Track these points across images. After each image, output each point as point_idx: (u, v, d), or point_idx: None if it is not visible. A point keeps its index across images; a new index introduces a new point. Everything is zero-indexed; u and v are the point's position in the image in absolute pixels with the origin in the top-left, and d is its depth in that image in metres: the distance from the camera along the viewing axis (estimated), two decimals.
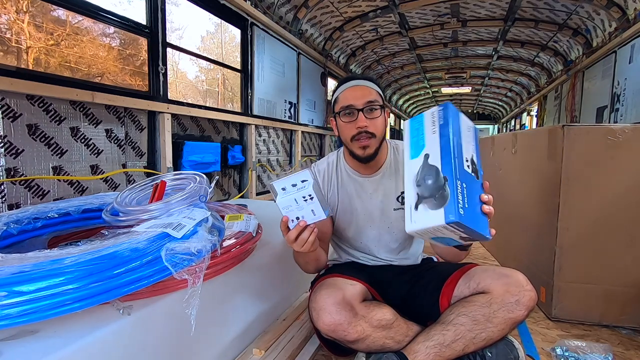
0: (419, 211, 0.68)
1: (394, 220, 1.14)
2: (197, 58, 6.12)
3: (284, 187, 0.83)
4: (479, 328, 0.92)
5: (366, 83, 1.09)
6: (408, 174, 0.74)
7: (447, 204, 0.65)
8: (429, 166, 0.70)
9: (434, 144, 0.72)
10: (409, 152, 0.77)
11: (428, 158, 0.72)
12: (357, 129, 1.04)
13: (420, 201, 0.69)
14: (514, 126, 10.96)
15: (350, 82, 1.10)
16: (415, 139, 0.77)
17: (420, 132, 0.76)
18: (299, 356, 1.10)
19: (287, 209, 0.84)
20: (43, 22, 6.70)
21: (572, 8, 3.96)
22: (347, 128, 1.07)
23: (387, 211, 1.13)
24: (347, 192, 1.14)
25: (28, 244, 0.96)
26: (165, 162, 2.29)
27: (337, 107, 1.10)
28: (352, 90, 1.07)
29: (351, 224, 1.15)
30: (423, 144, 0.74)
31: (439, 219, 0.65)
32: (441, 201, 0.66)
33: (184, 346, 0.85)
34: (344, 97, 1.08)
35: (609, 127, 1.30)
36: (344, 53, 5.50)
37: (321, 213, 0.84)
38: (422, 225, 0.67)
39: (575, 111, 4.86)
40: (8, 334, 0.61)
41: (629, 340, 1.26)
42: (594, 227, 1.34)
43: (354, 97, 1.06)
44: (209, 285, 0.87)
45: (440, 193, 0.66)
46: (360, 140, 1.05)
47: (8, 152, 1.54)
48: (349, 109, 1.05)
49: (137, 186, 1.11)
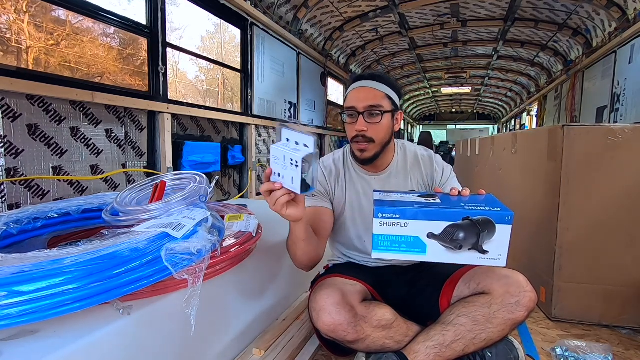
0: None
1: None
2: (197, 58, 6.11)
3: (288, 138, 0.77)
4: (479, 329, 0.92)
5: (373, 84, 1.06)
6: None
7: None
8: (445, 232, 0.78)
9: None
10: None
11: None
12: (355, 131, 1.05)
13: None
14: (514, 126, 10.96)
15: (358, 82, 1.08)
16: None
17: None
18: (299, 356, 1.10)
19: (274, 160, 0.78)
20: (43, 22, 6.70)
21: (572, 8, 3.96)
22: (349, 129, 1.08)
23: None
24: (356, 189, 1.14)
25: (28, 244, 0.96)
26: (165, 162, 2.29)
27: (344, 105, 1.11)
28: (357, 91, 1.07)
29: (357, 221, 1.14)
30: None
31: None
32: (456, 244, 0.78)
33: (184, 346, 0.85)
34: (350, 96, 1.08)
35: (609, 127, 1.30)
36: (344, 53, 5.50)
37: (297, 186, 0.75)
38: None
39: (575, 111, 4.86)
40: (8, 334, 0.61)
41: (629, 340, 1.26)
42: (594, 227, 1.34)
43: (357, 98, 1.05)
44: (209, 285, 0.87)
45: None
46: (358, 143, 1.05)
47: (8, 152, 1.54)
48: (351, 111, 1.05)
49: (137, 186, 1.11)
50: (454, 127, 16.34)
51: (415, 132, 16.16)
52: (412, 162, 1.16)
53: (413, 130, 15.86)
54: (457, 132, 15.79)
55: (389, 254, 0.78)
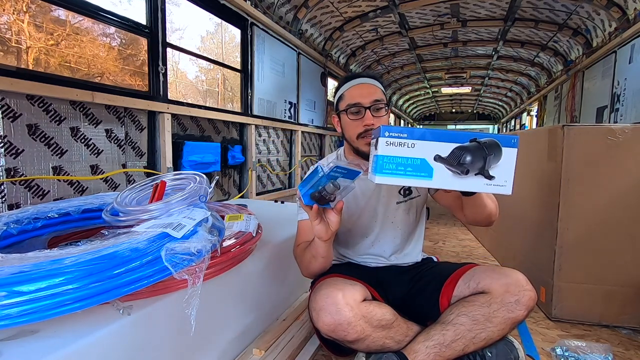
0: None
1: (398, 215, 1.15)
2: (197, 58, 6.12)
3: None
4: (478, 328, 0.92)
5: (372, 81, 1.09)
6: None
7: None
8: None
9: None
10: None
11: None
12: (364, 126, 1.05)
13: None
14: (514, 126, 10.96)
15: (357, 80, 1.09)
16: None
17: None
18: (299, 356, 1.10)
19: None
20: (43, 22, 6.70)
21: (572, 8, 3.95)
22: (353, 126, 1.07)
23: (390, 206, 1.14)
24: (353, 191, 1.14)
25: (28, 244, 0.96)
26: (165, 162, 2.29)
27: (342, 104, 1.10)
28: (359, 87, 1.07)
29: (357, 223, 1.15)
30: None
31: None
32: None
33: (184, 346, 0.85)
34: (350, 94, 1.08)
35: (609, 127, 1.30)
36: (344, 53, 5.50)
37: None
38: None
39: (575, 111, 4.86)
40: (8, 334, 0.61)
41: (629, 340, 1.26)
42: (594, 227, 1.34)
43: (360, 94, 1.06)
44: (209, 285, 0.87)
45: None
46: (367, 137, 1.05)
47: (8, 152, 1.54)
48: (356, 107, 1.05)
49: (137, 186, 1.11)
50: (454, 127, 16.33)
51: None
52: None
53: None
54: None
55: (394, 178, 0.74)
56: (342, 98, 1.11)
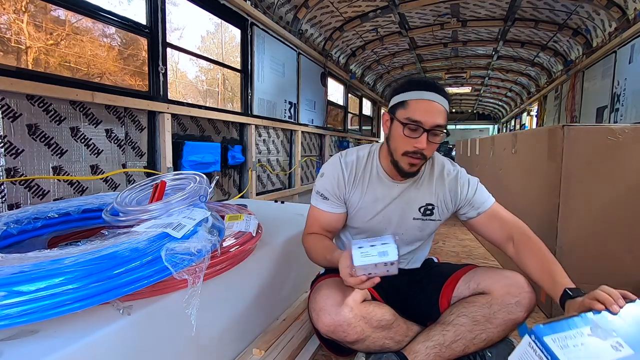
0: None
1: (410, 229, 1.11)
2: (197, 58, 6.11)
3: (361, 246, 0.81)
4: (479, 329, 0.92)
5: (442, 101, 0.97)
6: None
7: None
8: None
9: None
10: None
11: None
12: (414, 147, 0.96)
13: None
14: (514, 126, 10.96)
15: (427, 94, 0.96)
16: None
17: None
18: (299, 356, 1.10)
19: (363, 269, 0.80)
20: (42, 22, 6.70)
21: (572, 8, 3.96)
22: (404, 141, 0.97)
23: (405, 219, 1.10)
24: (374, 193, 1.08)
25: (28, 244, 0.96)
26: (165, 162, 2.29)
27: (402, 112, 0.97)
28: (427, 104, 0.95)
29: (367, 225, 1.11)
30: None
31: None
32: None
33: (184, 346, 0.85)
34: (416, 108, 0.95)
35: (609, 127, 1.30)
36: (344, 53, 5.50)
37: (395, 269, 0.81)
38: None
39: (575, 111, 4.86)
40: (8, 334, 0.61)
41: None
42: (594, 227, 1.34)
43: (425, 112, 0.94)
44: (209, 285, 0.87)
45: None
46: (412, 158, 0.98)
47: (8, 152, 1.54)
48: (416, 125, 0.95)
49: (137, 186, 1.11)
50: (454, 127, 16.33)
51: None
52: (438, 176, 1.10)
53: None
54: (457, 132, 15.78)
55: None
56: (404, 105, 0.97)
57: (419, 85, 0.98)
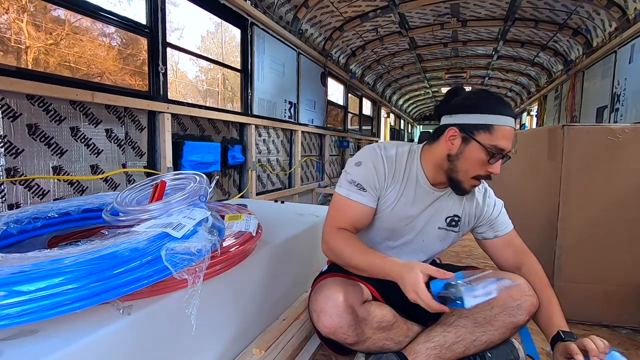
0: None
1: (431, 238, 1.08)
2: (197, 58, 6.11)
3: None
4: (479, 331, 0.92)
5: (515, 126, 0.95)
6: None
7: None
8: None
9: None
10: None
11: None
12: (488, 172, 0.94)
13: None
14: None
15: (511, 119, 0.92)
16: None
17: None
18: (299, 356, 1.10)
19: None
20: (42, 22, 6.70)
21: (572, 8, 3.95)
22: (480, 165, 0.93)
23: (431, 227, 1.07)
24: (409, 194, 1.03)
25: (28, 244, 0.96)
26: (165, 162, 2.29)
27: (487, 137, 0.91)
28: (510, 132, 0.92)
29: (393, 225, 1.07)
30: None
31: None
32: None
33: (184, 346, 0.85)
34: (503, 135, 0.90)
35: (609, 127, 1.30)
36: (344, 53, 5.50)
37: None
38: None
39: (575, 111, 4.86)
40: (8, 334, 0.61)
41: (629, 340, 1.26)
42: (594, 227, 1.34)
43: (509, 141, 0.92)
44: (209, 285, 0.87)
45: None
46: (478, 181, 0.96)
47: (8, 152, 1.54)
48: (501, 153, 0.91)
49: (137, 186, 1.11)
50: None
51: (415, 132, 16.16)
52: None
53: (413, 130, 15.86)
54: None
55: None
56: (489, 129, 0.90)
57: (502, 107, 0.92)
